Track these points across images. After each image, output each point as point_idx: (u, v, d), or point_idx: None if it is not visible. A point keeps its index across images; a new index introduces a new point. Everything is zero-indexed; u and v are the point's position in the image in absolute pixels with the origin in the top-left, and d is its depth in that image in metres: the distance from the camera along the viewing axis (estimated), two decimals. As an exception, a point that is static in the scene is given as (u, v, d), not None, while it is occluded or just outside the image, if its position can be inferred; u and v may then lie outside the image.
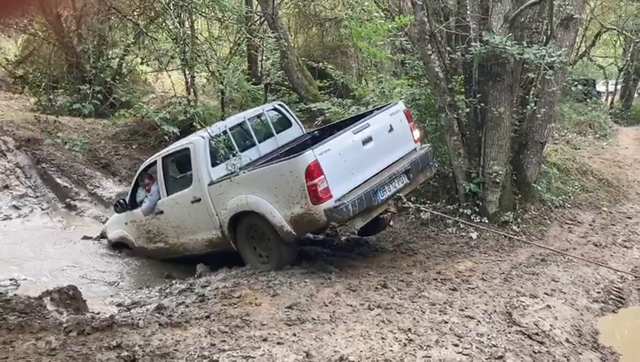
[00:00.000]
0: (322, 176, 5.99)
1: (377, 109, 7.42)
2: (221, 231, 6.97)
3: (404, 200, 6.73)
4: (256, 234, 6.78)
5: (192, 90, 10.59)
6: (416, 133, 7.31)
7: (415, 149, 7.16)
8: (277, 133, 7.98)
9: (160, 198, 7.66)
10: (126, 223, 8.36)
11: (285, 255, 6.66)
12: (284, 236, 6.37)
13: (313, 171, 5.97)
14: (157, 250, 8.03)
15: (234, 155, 6.80)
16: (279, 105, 8.58)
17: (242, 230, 6.85)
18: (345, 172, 6.26)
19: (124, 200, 8.32)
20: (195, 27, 9.73)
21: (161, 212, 7.68)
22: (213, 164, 7.01)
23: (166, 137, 7.32)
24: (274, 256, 6.69)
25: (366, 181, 6.44)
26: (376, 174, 6.58)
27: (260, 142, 7.74)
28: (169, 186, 7.59)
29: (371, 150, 6.58)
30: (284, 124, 8.18)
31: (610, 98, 20.88)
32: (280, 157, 6.93)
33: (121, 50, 13.62)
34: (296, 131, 8.22)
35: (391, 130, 6.91)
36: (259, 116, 8.09)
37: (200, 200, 7.06)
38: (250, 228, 6.78)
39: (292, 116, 8.38)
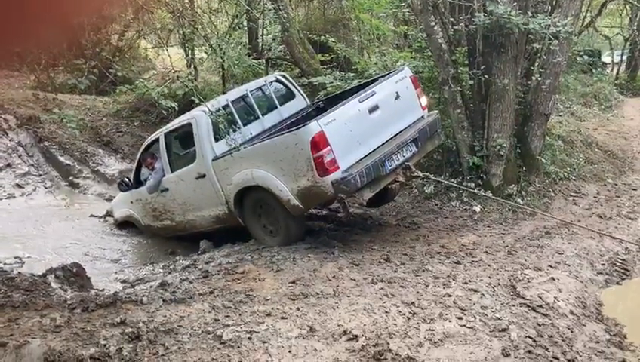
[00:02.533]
0: (328, 148, 5.85)
1: (383, 76, 7.22)
2: (227, 206, 6.91)
3: (413, 169, 6.56)
4: (263, 208, 6.70)
5: (192, 64, 10.46)
6: (424, 100, 7.10)
7: (423, 117, 6.98)
8: (280, 105, 7.84)
9: (164, 176, 7.60)
10: (131, 202, 8.31)
11: (293, 229, 6.59)
12: (291, 210, 6.29)
13: (319, 142, 5.83)
14: (164, 227, 8.00)
15: (234, 130, 6.70)
16: (282, 76, 8.39)
17: (249, 205, 6.77)
18: (351, 142, 6.12)
19: (128, 178, 8.27)
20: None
21: (166, 189, 7.61)
22: (217, 139, 6.88)
23: (164, 112, 7.23)
24: (282, 230, 6.62)
25: (373, 151, 6.30)
26: (384, 143, 6.43)
27: (263, 115, 7.61)
28: (173, 163, 7.51)
29: (378, 119, 6.41)
30: (287, 95, 8.04)
31: (615, 69, 20.61)
32: (284, 130, 6.80)
33: (121, 26, 13.45)
34: (300, 103, 8.08)
35: (397, 97, 6.71)
36: (261, 88, 7.93)
37: (204, 176, 6.97)
38: (257, 202, 6.69)
39: (295, 87, 8.21)
